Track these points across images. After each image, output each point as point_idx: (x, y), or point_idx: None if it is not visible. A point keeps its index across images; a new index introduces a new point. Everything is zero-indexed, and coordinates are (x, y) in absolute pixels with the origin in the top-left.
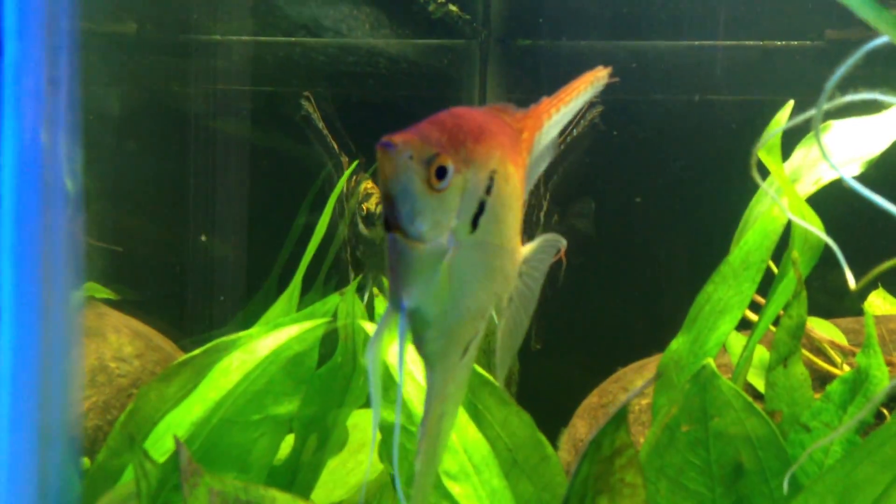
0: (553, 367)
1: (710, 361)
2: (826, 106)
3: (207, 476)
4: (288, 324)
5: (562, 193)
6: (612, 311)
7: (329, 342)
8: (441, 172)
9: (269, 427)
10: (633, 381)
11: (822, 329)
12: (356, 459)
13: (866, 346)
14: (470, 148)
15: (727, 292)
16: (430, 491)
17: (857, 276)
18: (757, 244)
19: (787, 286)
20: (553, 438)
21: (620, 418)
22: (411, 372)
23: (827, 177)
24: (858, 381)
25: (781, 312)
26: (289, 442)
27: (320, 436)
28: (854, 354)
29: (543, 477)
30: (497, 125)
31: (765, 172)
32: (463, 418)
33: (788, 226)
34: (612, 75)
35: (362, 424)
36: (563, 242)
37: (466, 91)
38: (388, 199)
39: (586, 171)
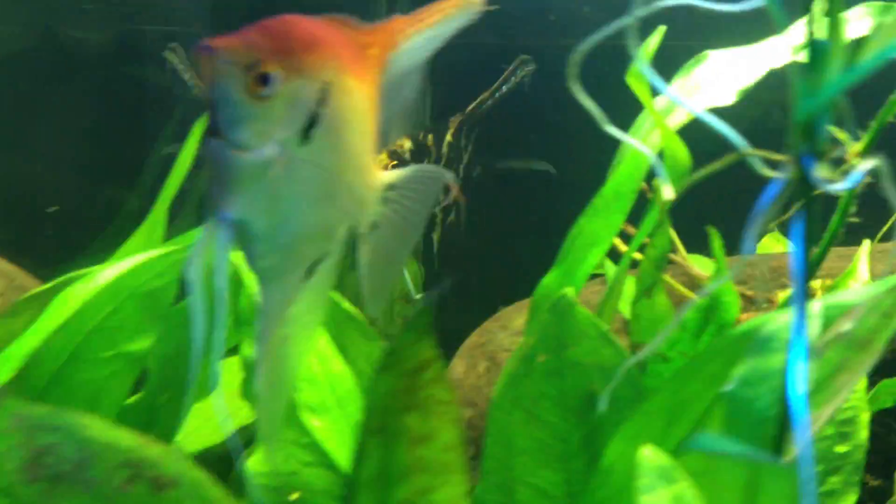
0: (444, 307)
1: (570, 290)
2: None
3: (12, 399)
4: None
5: (486, 147)
6: (504, 249)
7: None
8: (264, 79)
9: (122, 365)
10: (513, 320)
11: (702, 266)
12: (233, 404)
13: (715, 273)
14: (299, 56)
15: (598, 224)
16: (278, 421)
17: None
18: (628, 174)
19: (655, 216)
20: None
21: (421, 329)
22: None
23: (700, 107)
24: (711, 309)
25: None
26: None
27: (183, 376)
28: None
29: None
30: (334, 36)
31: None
32: (329, 350)
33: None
34: (490, 3)
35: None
36: (447, 176)
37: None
38: (208, 105)
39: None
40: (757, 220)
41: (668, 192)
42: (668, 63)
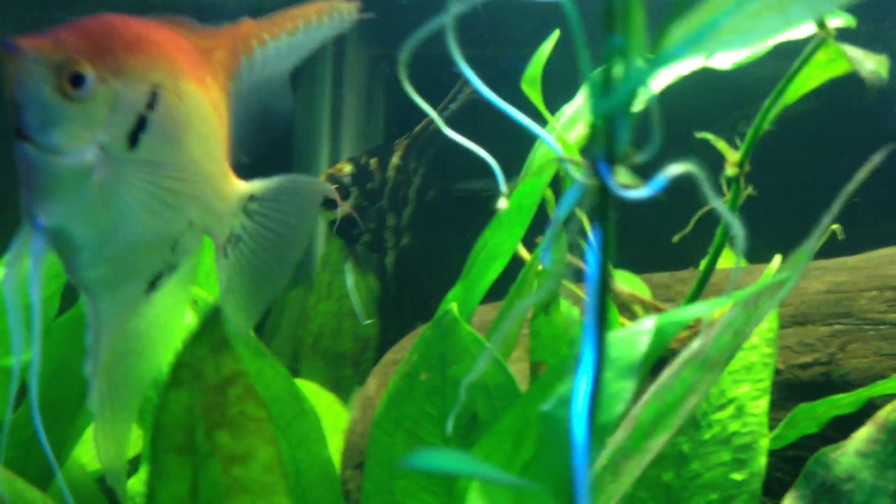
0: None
1: (454, 306)
2: None
3: None
4: None
5: (439, 170)
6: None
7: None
8: (76, 79)
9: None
10: None
11: (627, 282)
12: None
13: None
14: (120, 57)
15: (500, 237)
16: (123, 444)
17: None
18: (531, 187)
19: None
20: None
21: (217, 343)
22: None
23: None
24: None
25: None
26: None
27: (69, 391)
28: (657, 309)
29: (299, 433)
30: (165, 37)
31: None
32: None
33: None
34: (362, 11)
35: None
36: (323, 187)
37: None
38: (13, 107)
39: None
40: (554, 230)
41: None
42: None
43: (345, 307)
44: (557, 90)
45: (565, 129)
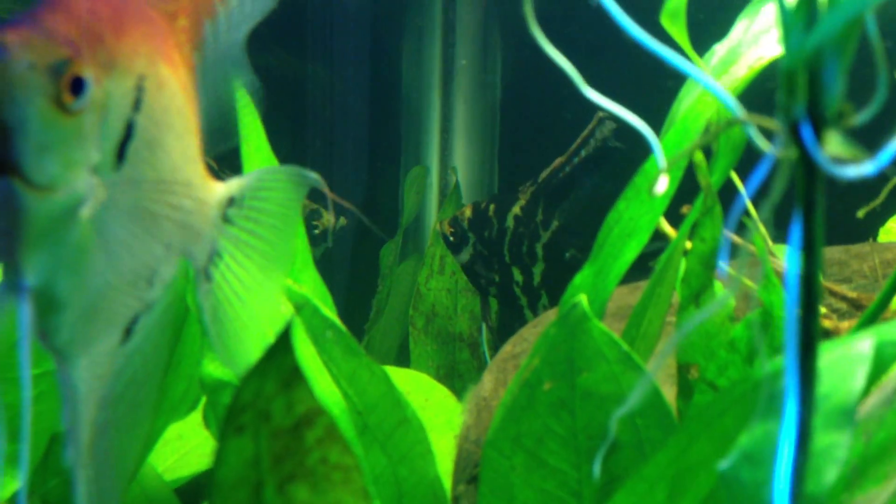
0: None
1: (583, 299)
2: None
3: None
4: None
5: (576, 222)
6: None
7: None
8: (77, 86)
9: None
10: None
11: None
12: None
13: (764, 278)
14: (110, 45)
15: (639, 209)
16: None
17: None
18: (676, 146)
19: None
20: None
21: (289, 373)
22: None
23: (769, 53)
24: (765, 325)
25: None
26: None
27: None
28: (858, 305)
29: (401, 446)
30: (136, 7)
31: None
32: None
33: None
34: None
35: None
36: (310, 177)
37: None
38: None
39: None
40: (738, 211)
41: (662, 164)
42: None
43: (460, 283)
44: (702, 25)
45: (718, 75)
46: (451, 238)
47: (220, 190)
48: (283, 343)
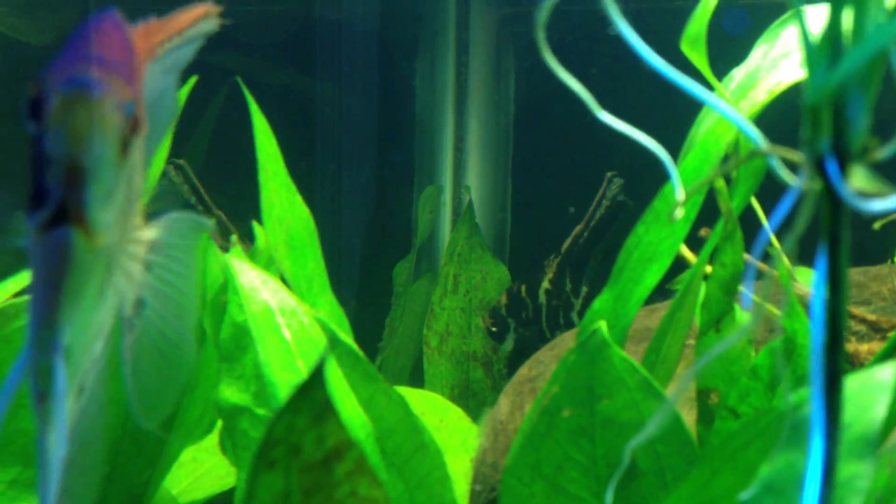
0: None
1: (602, 325)
2: None
3: None
4: None
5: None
6: None
7: None
8: (136, 125)
9: None
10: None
11: (808, 281)
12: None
13: (787, 306)
14: (138, 82)
15: (659, 234)
16: None
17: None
18: (695, 170)
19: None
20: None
21: (321, 407)
22: None
23: (788, 78)
24: (788, 352)
25: None
26: None
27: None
28: (850, 315)
29: (419, 472)
30: (132, 39)
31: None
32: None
33: None
34: (222, 16)
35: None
36: (202, 222)
37: None
38: (73, 176)
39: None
40: (763, 243)
41: (680, 195)
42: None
43: (474, 301)
44: (719, 50)
45: (736, 100)
46: (494, 329)
47: (146, 233)
48: (317, 378)
